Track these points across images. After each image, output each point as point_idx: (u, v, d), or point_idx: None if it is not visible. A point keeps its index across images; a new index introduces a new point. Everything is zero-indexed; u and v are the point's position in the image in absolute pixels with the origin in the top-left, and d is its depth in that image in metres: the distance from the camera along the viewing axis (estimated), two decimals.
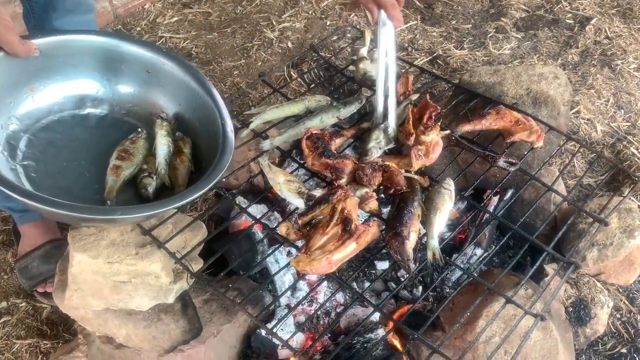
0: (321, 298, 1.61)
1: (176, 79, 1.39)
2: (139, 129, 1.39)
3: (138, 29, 2.62)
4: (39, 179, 1.24)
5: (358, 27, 2.52)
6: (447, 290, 1.61)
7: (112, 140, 1.36)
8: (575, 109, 2.12)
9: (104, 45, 1.37)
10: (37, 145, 1.29)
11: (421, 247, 1.30)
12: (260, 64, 2.43)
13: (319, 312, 1.56)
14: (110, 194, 1.25)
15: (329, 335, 1.52)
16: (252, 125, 1.54)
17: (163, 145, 1.34)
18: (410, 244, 1.24)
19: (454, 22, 2.59)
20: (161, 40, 2.55)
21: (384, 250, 1.41)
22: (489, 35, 2.49)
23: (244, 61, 2.44)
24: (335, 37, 2.43)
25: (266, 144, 1.48)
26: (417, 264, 1.27)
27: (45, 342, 1.63)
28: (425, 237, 1.29)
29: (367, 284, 1.61)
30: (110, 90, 1.41)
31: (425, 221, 1.30)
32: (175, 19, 2.67)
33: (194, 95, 1.38)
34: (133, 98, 1.42)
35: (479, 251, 1.66)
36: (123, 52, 1.38)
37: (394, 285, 1.62)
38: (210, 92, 1.37)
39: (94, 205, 1.20)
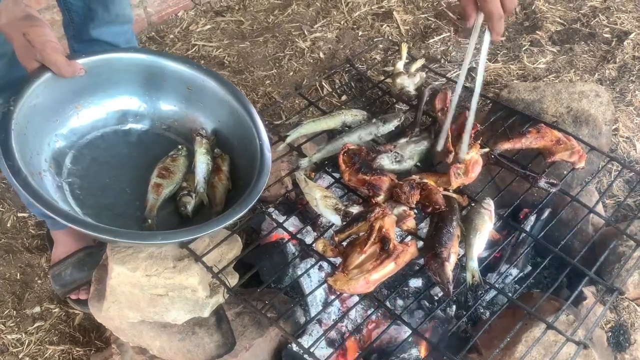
0: (352, 314, 1.59)
1: (216, 96, 1.41)
2: (180, 146, 1.40)
3: (171, 36, 2.65)
4: (84, 196, 1.27)
5: (390, 38, 2.51)
6: (481, 310, 1.58)
7: (153, 155, 1.38)
8: (614, 127, 2.07)
9: (146, 62, 1.39)
10: (81, 162, 1.33)
11: (457, 266, 1.28)
12: (292, 74, 2.43)
13: (349, 328, 1.55)
14: (151, 213, 1.27)
15: (359, 352, 1.50)
16: (288, 139, 1.53)
17: (202, 163, 1.35)
18: (450, 265, 1.22)
19: None
20: (194, 49, 2.57)
21: (417, 268, 1.39)
22: (524, 49, 2.45)
23: (275, 71, 2.44)
24: (368, 49, 2.42)
25: (304, 162, 1.48)
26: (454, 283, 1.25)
27: (77, 349, 1.65)
28: (464, 258, 1.27)
29: (399, 301, 1.59)
30: (151, 106, 1.43)
31: (465, 242, 1.28)
32: (208, 27, 2.69)
33: (233, 113, 1.40)
34: (174, 114, 1.45)
35: (514, 271, 1.63)
36: (164, 69, 1.40)
37: (427, 304, 1.59)
38: (249, 111, 1.38)
39: (135, 231, 1.22)
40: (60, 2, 1.62)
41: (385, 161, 1.43)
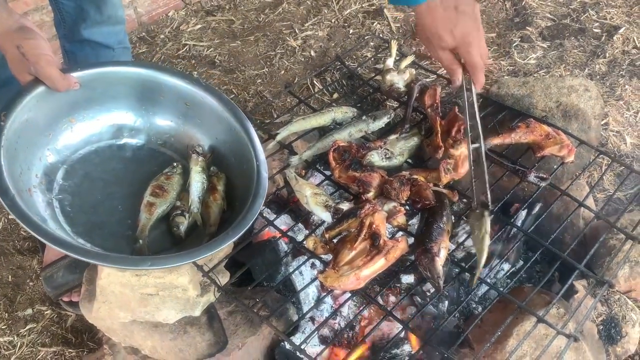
0: (345, 310, 1.60)
1: (214, 113, 1.38)
2: (175, 163, 1.37)
3: (162, 36, 2.64)
4: (74, 214, 1.25)
5: (381, 35, 2.51)
6: (473, 305, 1.58)
7: (147, 171, 1.35)
8: (604, 121, 2.08)
9: (143, 76, 1.36)
10: (73, 177, 1.31)
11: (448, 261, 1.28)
12: (283, 72, 2.43)
13: (342, 325, 1.55)
14: (142, 233, 1.24)
15: (351, 349, 1.50)
16: (278, 137, 1.53)
17: (197, 182, 1.32)
18: (440, 260, 1.22)
19: None
20: (185, 48, 2.56)
21: (409, 264, 1.39)
22: (514, 45, 2.46)
23: (267, 69, 2.44)
24: (358, 46, 2.42)
25: (295, 160, 1.48)
26: (444, 278, 1.25)
27: (70, 350, 1.64)
28: (454, 253, 1.27)
29: (392, 298, 1.60)
30: (147, 121, 1.41)
31: (476, 248, 1.27)
32: (199, 26, 2.69)
33: (231, 131, 1.37)
34: (170, 129, 1.42)
35: (506, 266, 1.64)
36: (162, 84, 1.37)
37: (419, 300, 1.59)
38: (248, 130, 1.35)
39: (124, 256, 1.19)
40: (52, 1, 1.61)
41: (375, 158, 1.43)
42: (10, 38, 1.12)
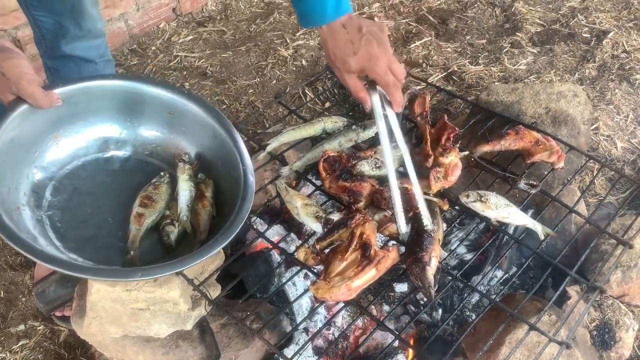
0: (339, 321, 1.59)
1: (198, 120, 1.38)
2: (162, 173, 1.37)
3: (153, 48, 2.65)
4: (65, 229, 1.25)
5: None
6: (467, 313, 1.58)
7: (136, 182, 1.35)
8: (594, 125, 2.09)
9: (125, 88, 1.37)
10: (62, 193, 1.30)
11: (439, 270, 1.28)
12: (274, 82, 2.43)
13: (336, 336, 1.54)
14: (133, 244, 1.24)
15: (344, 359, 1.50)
16: (268, 148, 1.53)
17: (185, 190, 1.32)
18: (432, 269, 1.22)
19: (468, 37, 2.58)
20: (176, 60, 2.57)
21: (402, 273, 1.39)
22: (504, 51, 2.48)
23: (258, 80, 2.45)
24: None
25: (285, 170, 1.47)
26: (437, 287, 1.24)
27: None
28: (442, 259, 1.27)
29: (385, 307, 1.59)
30: (133, 132, 1.41)
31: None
32: (190, 37, 2.70)
33: (217, 137, 1.37)
34: (156, 139, 1.42)
35: (499, 273, 1.64)
36: (144, 94, 1.37)
37: (412, 309, 1.59)
38: (232, 134, 1.35)
39: (114, 268, 1.20)
40: (31, 19, 1.61)
41: (365, 167, 1.43)
42: None
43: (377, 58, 1.20)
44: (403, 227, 1.30)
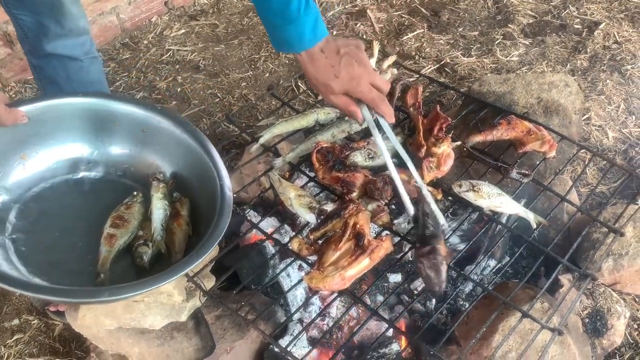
0: (333, 311, 1.60)
1: (173, 137, 1.33)
2: (135, 192, 1.32)
3: (145, 42, 2.63)
4: (29, 254, 1.18)
5: (364, 36, 2.52)
6: (461, 302, 1.59)
7: (108, 204, 1.29)
8: (586, 116, 2.11)
9: (96, 106, 1.32)
10: (27, 216, 1.24)
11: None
12: (267, 75, 2.43)
13: (330, 326, 1.55)
14: (103, 267, 1.18)
15: (343, 350, 1.51)
16: (261, 140, 1.53)
17: (159, 209, 1.27)
18: (446, 267, 1.21)
19: (460, 29, 2.58)
20: (168, 53, 2.56)
21: (396, 262, 1.40)
22: (497, 42, 2.48)
23: (251, 73, 2.45)
24: None
25: (278, 162, 1.48)
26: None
27: (58, 359, 1.63)
28: None
29: (379, 297, 1.60)
30: (104, 152, 1.36)
31: None
32: (183, 31, 2.68)
33: (192, 153, 1.32)
34: (128, 158, 1.37)
35: (492, 262, 1.65)
36: (115, 112, 1.33)
37: (407, 298, 1.60)
38: (208, 150, 1.30)
39: (78, 288, 1.12)
40: (12, 17, 1.59)
41: (358, 158, 1.43)
42: None
43: (359, 78, 1.19)
44: (411, 209, 1.29)
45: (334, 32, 2.59)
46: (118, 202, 1.30)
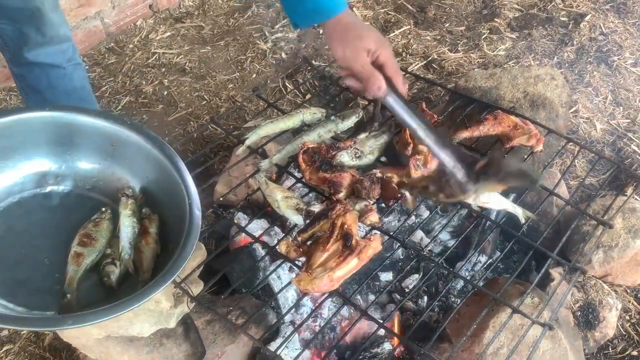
0: (325, 313, 1.59)
1: (142, 151, 1.31)
2: (103, 209, 1.30)
3: (130, 46, 2.61)
4: None
5: None
6: (453, 299, 1.59)
7: (76, 219, 1.27)
8: (574, 108, 2.10)
9: (64, 120, 1.29)
10: None
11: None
12: (254, 76, 2.42)
13: (323, 328, 1.54)
14: (70, 286, 1.15)
15: (335, 351, 1.50)
16: (247, 142, 1.52)
17: (127, 226, 1.25)
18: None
19: (447, 24, 2.58)
20: (154, 57, 2.54)
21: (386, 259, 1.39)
22: (483, 37, 2.48)
23: (238, 74, 2.43)
24: (327, 46, 2.41)
25: (264, 164, 1.46)
26: (422, 274, 1.24)
27: None
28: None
29: (371, 297, 1.59)
30: (72, 166, 1.33)
31: None
32: (168, 34, 2.67)
33: (161, 169, 1.30)
34: (98, 172, 1.35)
35: (483, 258, 1.64)
36: (84, 126, 1.30)
37: (398, 297, 1.59)
38: (178, 166, 1.28)
39: (40, 315, 1.11)
40: None
41: (345, 158, 1.43)
42: None
43: (386, 42, 1.27)
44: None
45: (321, 31, 2.58)
46: (86, 217, 1.27)
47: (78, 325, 1.04)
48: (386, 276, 1.64)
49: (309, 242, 1.31)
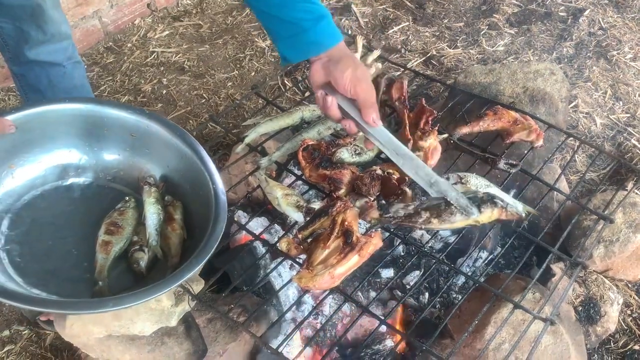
0: (326, 310, 1.59)
1: (162, 140, 1.32)
2: (127, 198, 1.31)
3: (129, 45, 2.61)
4: (25, 264, 1.17)
5: (349, 32, 2.50)
6: (454, 295, 1.59)
7: (99, 210, 1.28)
8: (573, 103, 2.10)
9: (83, 112, 1.30)
10: (20, 226, 1.22)
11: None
12: (253, 74, 2.41)
13: (324, 325, 1.54)
14: (101, 274, 1.17)
15: (337, 348, 1.50)
16: (247, 140, 1.52)
17: (152, 214, 1.26)
18: None
19: (446, 20, 2.57)
20: (153, 56, 2.54)
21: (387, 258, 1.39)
22: (482, 33, 2.47)
23: (237, 72, 2.43)
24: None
25: (264, 161, 1.46)
26: (423, 270, 1.24)
27: None
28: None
29: (372, 293, 1.59)
30: (93, 157, 1.34)
31: None
32: (166, 33, 2.66)
33: (182, 157, 1.31)
34: (118, 163, 1.35)
35: (484, 254, 1.64)
36: (104, 117, 1.31)
37: (399, 293, 1.59)
38: (199, 153, 1.29)
39: (82, 300, 1.12)
40: None
41: (345, 154, 1.42)
42: None
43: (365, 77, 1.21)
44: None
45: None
46: (109, 207, 1.29)
47: (119, 307, 1.06)
48: (387, 273, 1.64)
49: (309, 240, 1.31)
